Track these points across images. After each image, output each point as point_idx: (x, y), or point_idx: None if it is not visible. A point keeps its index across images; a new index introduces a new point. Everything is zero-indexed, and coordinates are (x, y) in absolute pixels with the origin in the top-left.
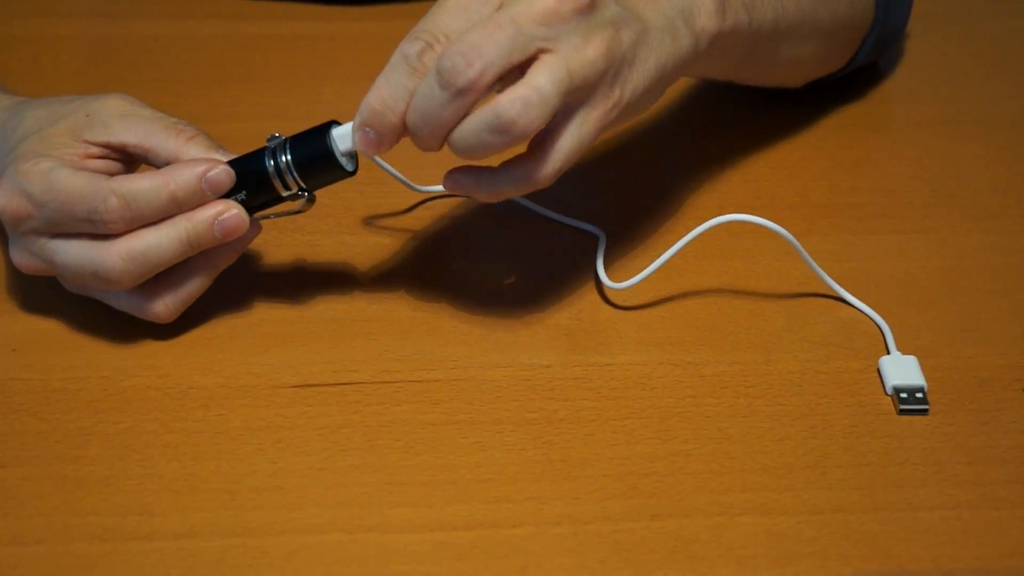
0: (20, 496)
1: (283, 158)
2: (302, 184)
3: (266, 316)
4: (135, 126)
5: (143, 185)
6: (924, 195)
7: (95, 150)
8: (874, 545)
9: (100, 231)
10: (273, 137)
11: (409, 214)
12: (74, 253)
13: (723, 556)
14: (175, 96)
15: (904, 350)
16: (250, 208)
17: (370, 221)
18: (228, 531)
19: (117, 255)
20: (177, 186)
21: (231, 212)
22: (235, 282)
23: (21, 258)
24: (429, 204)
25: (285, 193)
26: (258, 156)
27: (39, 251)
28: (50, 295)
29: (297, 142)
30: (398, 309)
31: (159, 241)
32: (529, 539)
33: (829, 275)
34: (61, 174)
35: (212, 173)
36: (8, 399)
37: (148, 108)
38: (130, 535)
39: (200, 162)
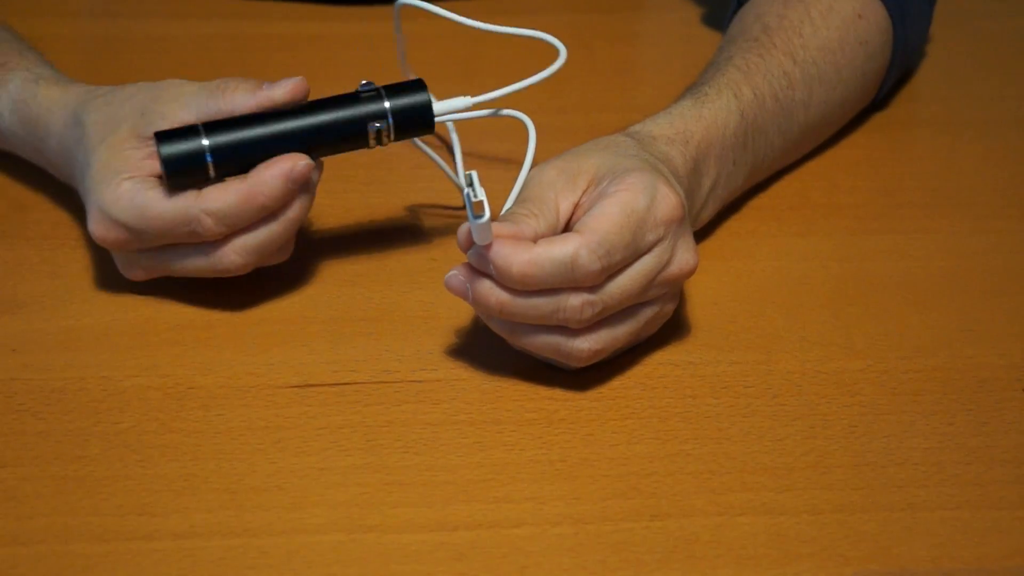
0: (20, 496)
1: (387, 127)
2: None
3: (266, 316)
4: (186, 108)
5: (231, 201)
6: (924, 195)
7: None
8: (874, 545)
9: (203, 240)
10: (368, 87)
11: (409, 215)
12: (192, 263)
13: (723, 556)
14: None
15: (905, 350)
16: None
17: (370, 221)
18: (228, 531)
19: (233, 252)
20: (265, 196)
21: (306, 167)
22: (235, 282)
23: (133, 273)
24: (429, 206)
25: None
26: (354, 118)
27: (150, 264)
28: (50, 295)
29: (401, 115)
30: (398, 309)
31: (271, 234)
32: (529, 539)
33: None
34: (149, 199)
35: (296, 173)
36: (8, 399)
37: (191, 83)
38: (130, 535)
39: (282, 162)
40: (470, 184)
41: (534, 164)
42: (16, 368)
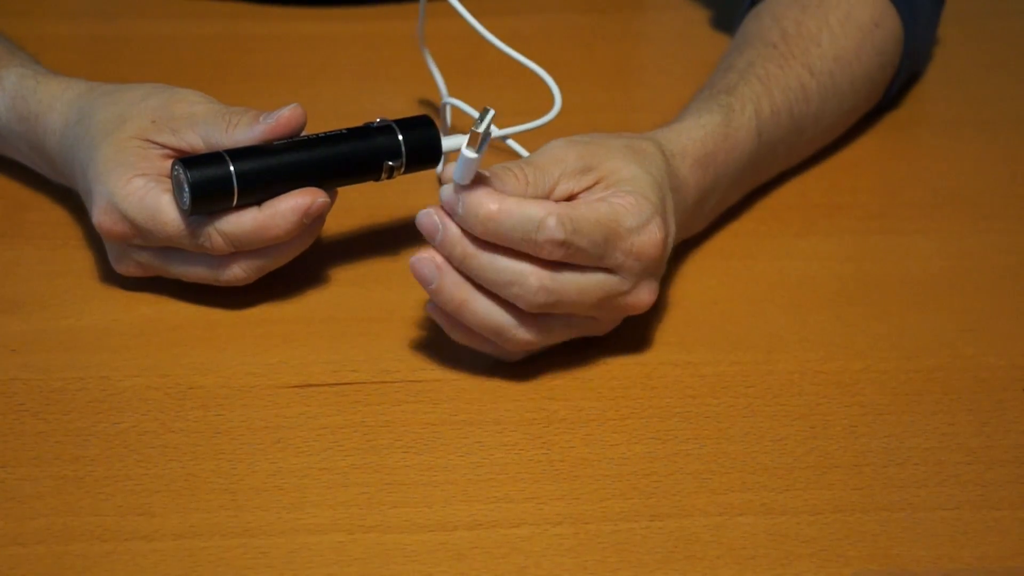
0: (20, 496)
1: (400, 163)
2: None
3: (266, 316)
4: (195, 131)
5: (246, 227)
6: (924, 195)
7: (167, 151)
8: (874, 545)
9: (209, 252)
10: (382, 125)
11: (409, 214)
12: (193, 270)
13: (723, 556)
14: None
15: (905, 350)
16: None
17: (370, 221)
18: (228, 531)
19: (237, 266)
20: (280, 229)
21: (323, 205)
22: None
23: (126, 267)
24: (429, 204)
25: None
26: (371, 153)
27: (148, 262)
28: (50, 295)
29: (413, 151)
30: (398, 309)
31: (278, 256)
32: (529, 539)
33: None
34: (162, 203)
35: (313, 210)
36: (8, 399)
37: (202, 103)
38: (130, 535)
39: (300, 198)
40: (482, 118)
41: None
42: (16, 368)
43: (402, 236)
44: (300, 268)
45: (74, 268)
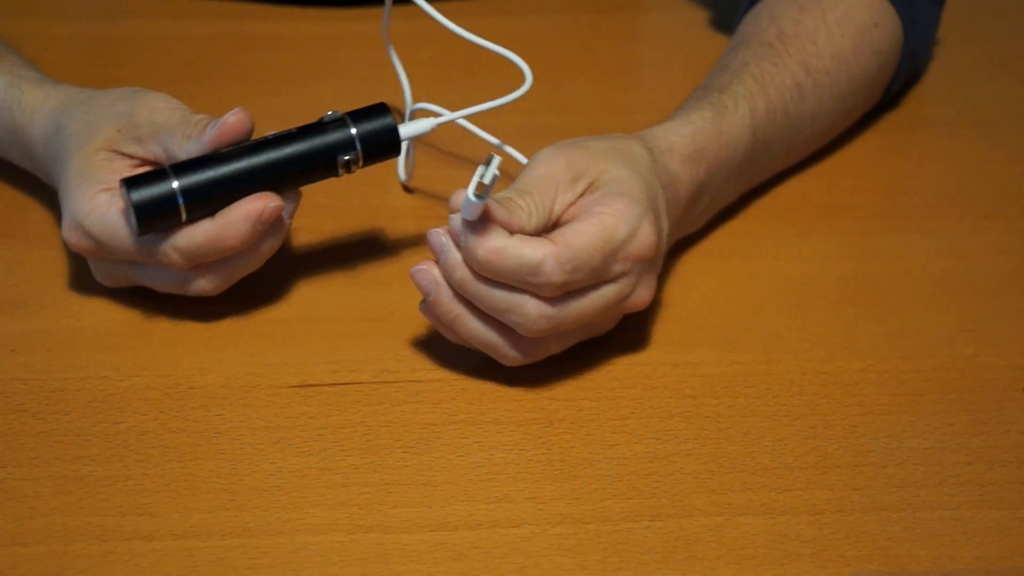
0: (20, 496)
1: (356, 156)
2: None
3: (266, 316)
4: (159, 140)
5: (200, 240)
6: (924, 195)
7: (135, 161)
8: (874, 545)
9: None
10: (334, 119)
11: (409, 214)
12: (160, 283)
13: (723, 556)
14: (175, 96)
15: (905, 350)
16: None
17: (370, 221)
18: (228, 531)
19: (204, 280)
20: (234, 239)
21: (276, 209)
22: (234, 283)
23: (106, 280)
24: (429, 204)
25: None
26: (323, 150)
27: (120, 275)
28: (50, 295)
29: (369, 143)
30: (398, 309)
31: (242, 266)
32: (529, 539)
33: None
34: (120, 220)
35: (266, 215)
36: (8, 399)
37: (165, 109)
38: (130, 535)
39: (251, 205)
40: (488, 163)
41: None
42: (16, 368)
43: (403, 237)
44: (300, 268)
45: (74, 268)
